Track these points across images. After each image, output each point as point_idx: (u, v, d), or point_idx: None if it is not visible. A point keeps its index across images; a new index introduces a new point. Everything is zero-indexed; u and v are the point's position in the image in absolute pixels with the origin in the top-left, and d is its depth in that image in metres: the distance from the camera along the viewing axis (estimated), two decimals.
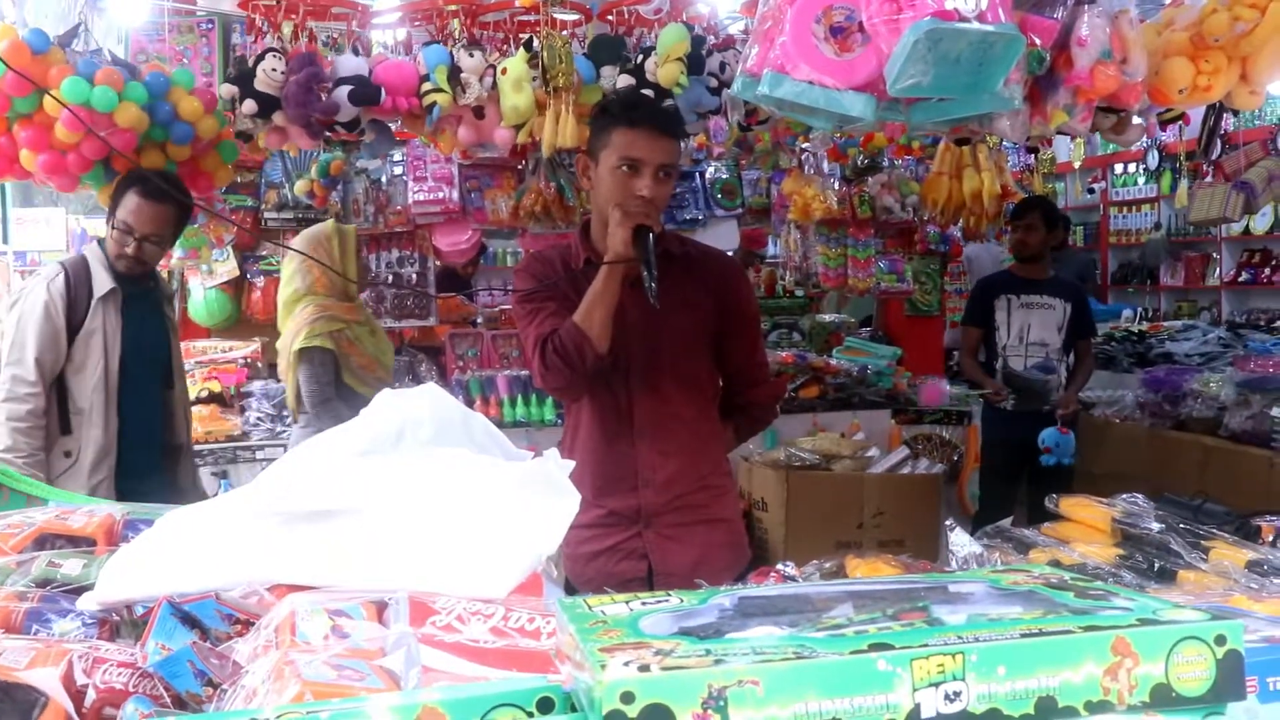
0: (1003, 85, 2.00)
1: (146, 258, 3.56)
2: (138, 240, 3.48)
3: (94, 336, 3.51)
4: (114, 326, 3.54)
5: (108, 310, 3.53)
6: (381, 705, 0.76)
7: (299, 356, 4.17)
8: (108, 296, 3.53)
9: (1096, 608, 0.82)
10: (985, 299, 5.59)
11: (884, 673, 0.72)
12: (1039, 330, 5.47)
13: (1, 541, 1.81)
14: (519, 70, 3.82)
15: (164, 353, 3.78)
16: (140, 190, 3.47)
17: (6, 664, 1.22)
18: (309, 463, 1.66)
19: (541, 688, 0.79)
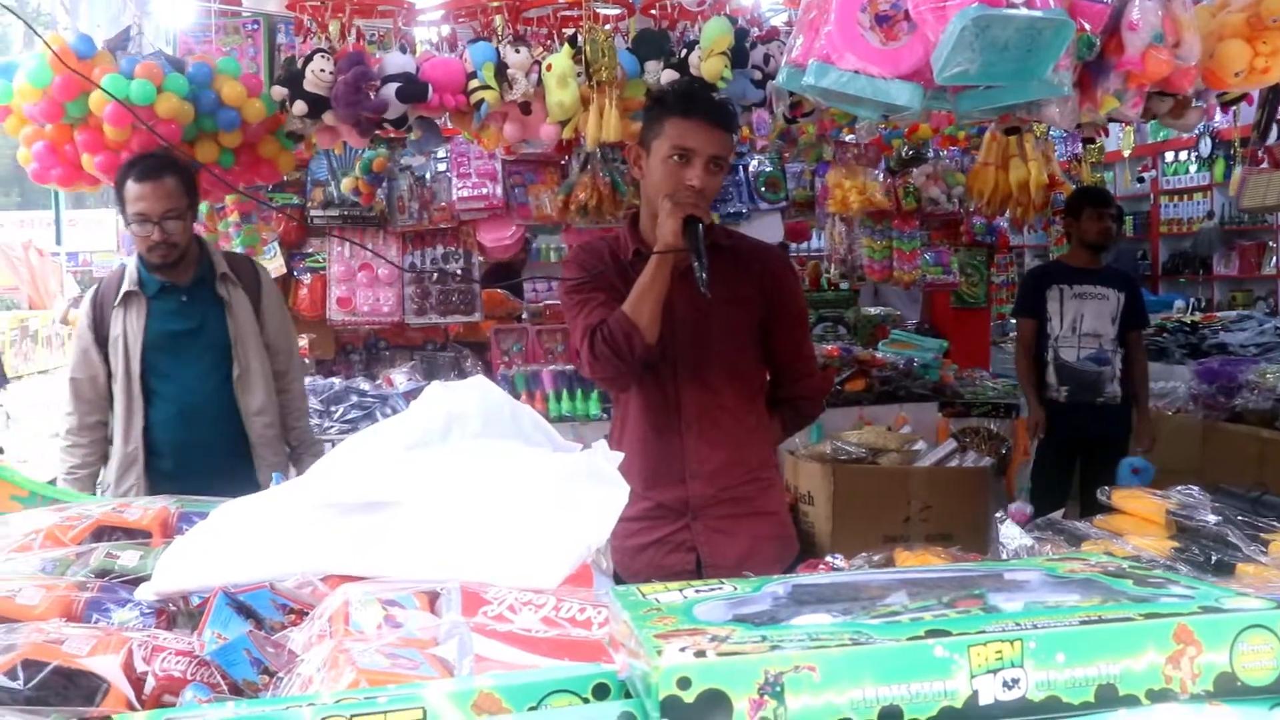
0: (1052, 71, 1.97)
1: (173, 238, 3.40)
2: (156, 223, 3.37)
3: (117, 344, 3.48)
4: (135, 330, 3.47)
5: (128, 315, 3.48)
6: (439, 690, 0.77)
7: None
8: (126, 300, 3.48)
9: (1156, 595, 0.81)
10: (1037, 289, 5.46)
11: (941, 659, 0.72)
12: (1092, 320, 5.33)
13: (61, 533, 1.84)
14: (563, 66, 3.83)
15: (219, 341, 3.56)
16: (135, 176, 3.38)
17: (69, 651, 1.24)
18: (361, 456, 1.68)
19: (596, 674, 0.79)
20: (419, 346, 6.41)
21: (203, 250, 3.63)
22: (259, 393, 3.58)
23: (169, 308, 3.52)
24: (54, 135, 3.69)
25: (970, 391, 6.01)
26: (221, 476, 3.27)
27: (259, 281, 3.71)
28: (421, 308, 6.02)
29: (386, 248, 6.00)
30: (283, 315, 3.79)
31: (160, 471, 3.46)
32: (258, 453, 3.54)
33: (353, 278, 5.87)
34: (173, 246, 3.42)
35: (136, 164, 3.43)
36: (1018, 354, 5.61)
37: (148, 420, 3.47)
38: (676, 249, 2.57)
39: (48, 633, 1.29)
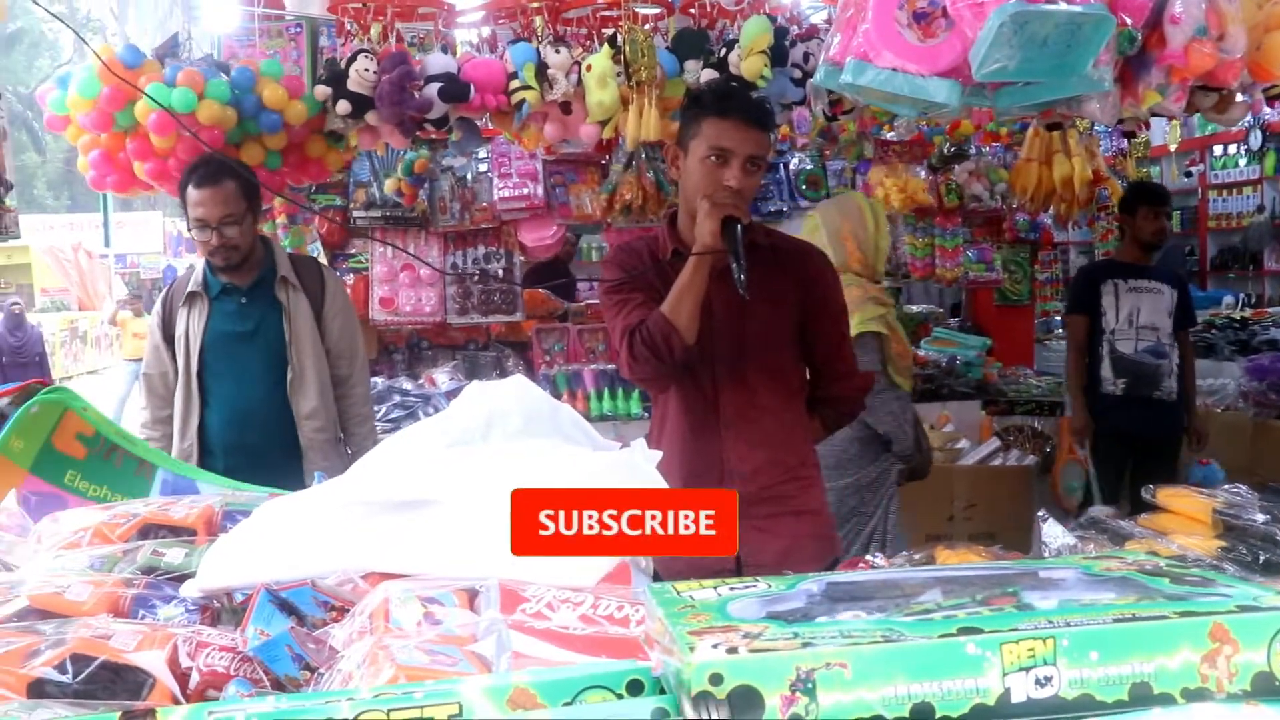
0: (1092, 67, 1.96)
1: (232, 242, 3.43)
2: (215, 229, 3.39)
3: (180, 343, 3.53)
4: (195, 330, 3.52)
5: (191, 315, 3.53)
6: (475, 686, 0.78)
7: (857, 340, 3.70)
8: (189, 300, 3.53)
9: (1193, 594, 0.81)
10: (1091, 285, 5.31)
11: (973, 656, 0.72)
12: (1149, 314, 5.19)
13: (109, 531, 1.87)
14: (603, 65, 3.84)
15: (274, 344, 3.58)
16: (195, 182, 3.41)
17: (116, 646, 1.27)
18: (402, 454, 1.70)
19: (631, 670, 0.79)
20: (461, 346, 6.44)
21: (268, 253, 3.65)
22: (312, 397, 3.58)
23: (228, 309, 3.56)
24: (108, 144, 3.77)
25: (1014, 389, 5.96)
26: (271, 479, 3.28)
27: (323, 285, 3.71)
28: (463, 307, 6.05)
29: (428, 248, 6.04)
30: (347, 320, 3.77)
31: (213, 470, 3.50)
32: (307, 456, 3.54)
33: (395, 278, 5.91)
34: (232, 250, 3.45)
35: (197, 169, 3.46)
36: (1068, 352, 5.49)
37: (203, 419, 3.52)
38: (715, 250, 2.57)
39: (95, 628, 1.32)
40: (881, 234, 4.01)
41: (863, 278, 3.93)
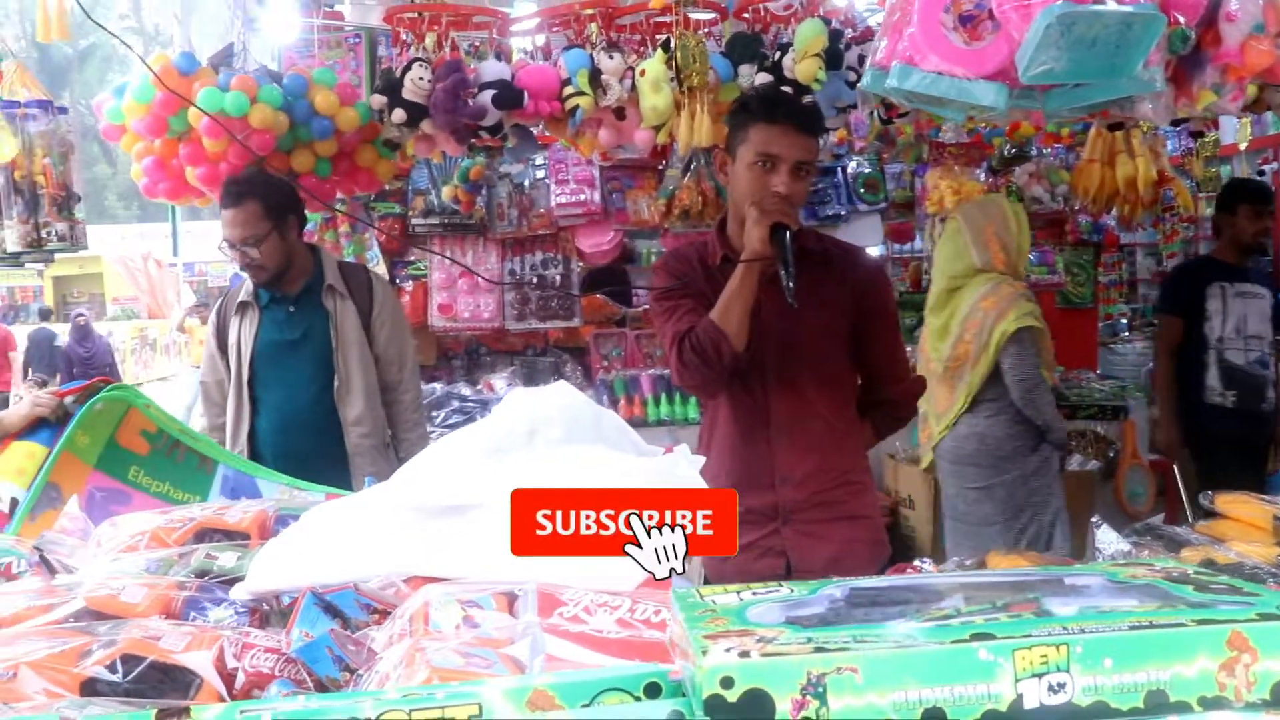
0: (1142, 67, 1.93)
1: (259, 261, 3.49)
2: (239, 249, 3.47)
3: (232, 351, 3.60)
4: (246, 339, 3.58)
5: (243, 324, 3.60)
6: (495, 688, 0.79)
7: (1012, 337, 3.88)
8: (241, 309, 3.61)
9: (1216, 601, 0.80)
10: (1193, 285, 5.04)
11: (985, 662, 0.72)
12: (1255, 322, 4.95)
13: (165, 535, 1.92)
14: (657, 71, 3.85)
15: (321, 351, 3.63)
16: (221, 202, 3.50)
17: (165, 647, 1.30)
18: (446, 460, 1.72)
19: (649, 673, 0.80)
20: (519, 352, 6.49)
21: (316, 262, 3.70)
22: (358, 404, 3.62)
23: (277, 318, 3.62)
24: (161, 150, 3.84)
25: (1076, 393, 5.88)
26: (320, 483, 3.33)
27: (371, 291, 3.75)
28: (521, 313, 6.10)
29: (486, 255, 6.09)
30: (396, 326, 3.80)
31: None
32: (354, 463, 3.58)
33: (454, 284, 5.97)
34: (261, 269, 3.51)
35: (225, 189, 3.53)
36: (1159, 357, 5.26)
37: (253, 426, 3.59)
38: (763, 257, 2.57)
39: (147, 629, 1.35)
40: (1024, 234, 4.04)
41: (1007, 276, 3.96)
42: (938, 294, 4.12)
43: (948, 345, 4.06)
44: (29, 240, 3.55)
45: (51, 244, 3.61)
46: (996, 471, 3.98)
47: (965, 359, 4.00)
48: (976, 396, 4.00)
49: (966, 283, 4.01)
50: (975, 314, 3.95)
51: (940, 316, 4.09)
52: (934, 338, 4.12)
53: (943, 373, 4.09)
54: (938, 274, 4.14)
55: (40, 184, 3.60)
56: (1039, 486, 4.00)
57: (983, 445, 3.98)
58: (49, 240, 3.59)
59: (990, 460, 3.96)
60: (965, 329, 3.98)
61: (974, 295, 3.97)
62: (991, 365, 3.90)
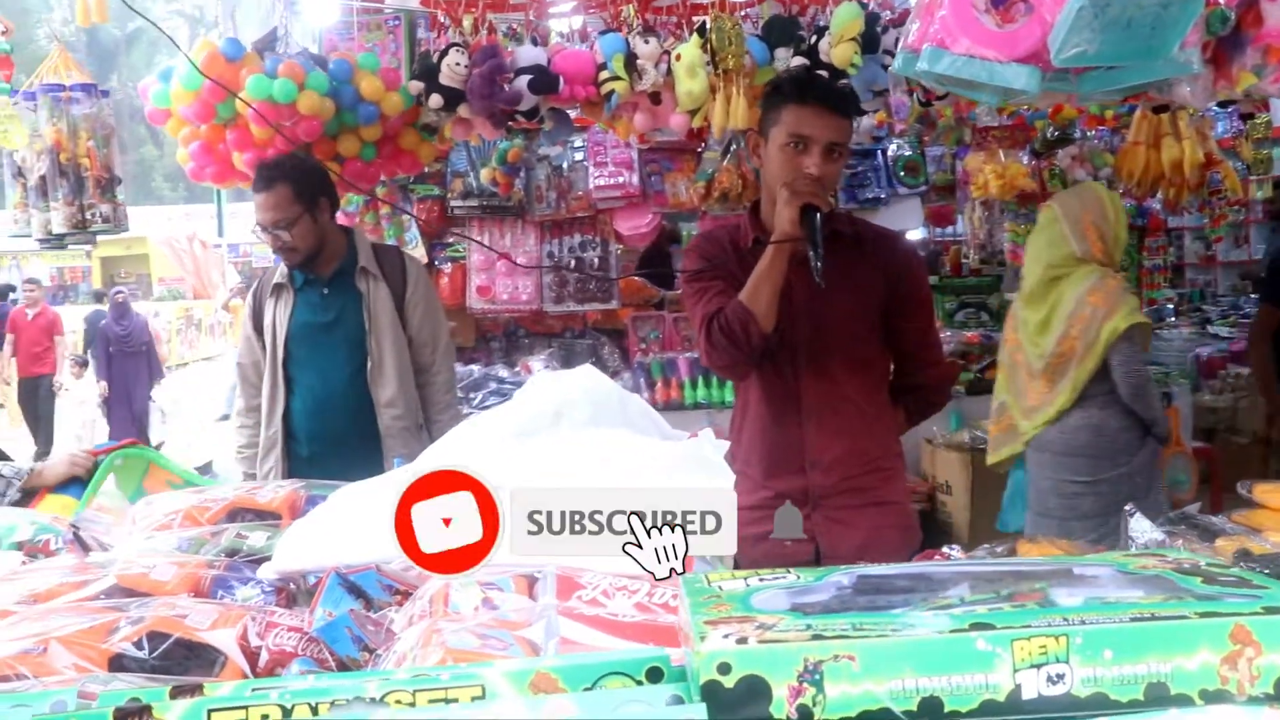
0: (1179, 49, 1.90)
1: (289, 244, 3.51)
2: (271, 232, 3.50)
3: (267, 333, 3.64)
4: (281, 320, 3.61)
5: (278, 306, 3.62)
6: (499, 670, 0.80)
7: (1123, 335, 3.80)
8: (276, 291, 3.63)
9: (1223, 594, 0.79)
10: None
11: (984, 652, 0.72)
12: None
13: (198, 514, 1.95)
14: (692, 55, 3.84)
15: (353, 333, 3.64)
16: (255, 185, 3.53)
17: (191, 624, 1.32)
18: (472, 442, 1.74)
19: (651, 657, 0.81)
20: (558, 334, 6.50)
21: (349, 244, 3.71)
22: (391, 385, 3.63)
23: (311, 300, 3.64)
24: (208, 135, 3.87)
25: None
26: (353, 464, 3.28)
27: (405, 273, 3.75)
28: (559, 296, 6.11)
29: (525, 237, 6.11)
30: (430, 307, 3.80)
31: (298, 456, 3.61)
32: (386, 444, 3.59)
33: (492, 266, 5.99)
34: (293, 251, 3.53)
35: (257, 173, 3.57)
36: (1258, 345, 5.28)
37: (287, 407, 3.61)
38: (793, 238, 2.57)
39: (174, 607, 1.38)
40: (1121, 223, 3.96)
41: (1106, 268, 3.90)
42: (1035, 285, 4.01)
43: (1050, 340, 3.96)
44: (74, 222, 3.60)
45: (96, 225, 3.65)
46: (1111, 464, 3.91)
47: (1071, 355, 3.91)
48: (1084, 391, 3.94)
49: (1067, 273, 3.91)
50: (1082, 309, 3.85)
51: (1040, 310, 3.99)
52: (1033, 332, 4.02)
53: (1042, 368, 4.01)
54: (1033, 264, 4.05)
55: (84, 166, 3.64)
56: (1141, 483, 3.94)
57: (1098, 437, 3.90)
58: (93, 222, 3.63)
59: (1106, 452, 3.89)
60: (1071, 324, 3.88)
61: (1078, 289, 3.87)
62: (1100, 361, 3.82)
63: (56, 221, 3.61)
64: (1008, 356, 4.17)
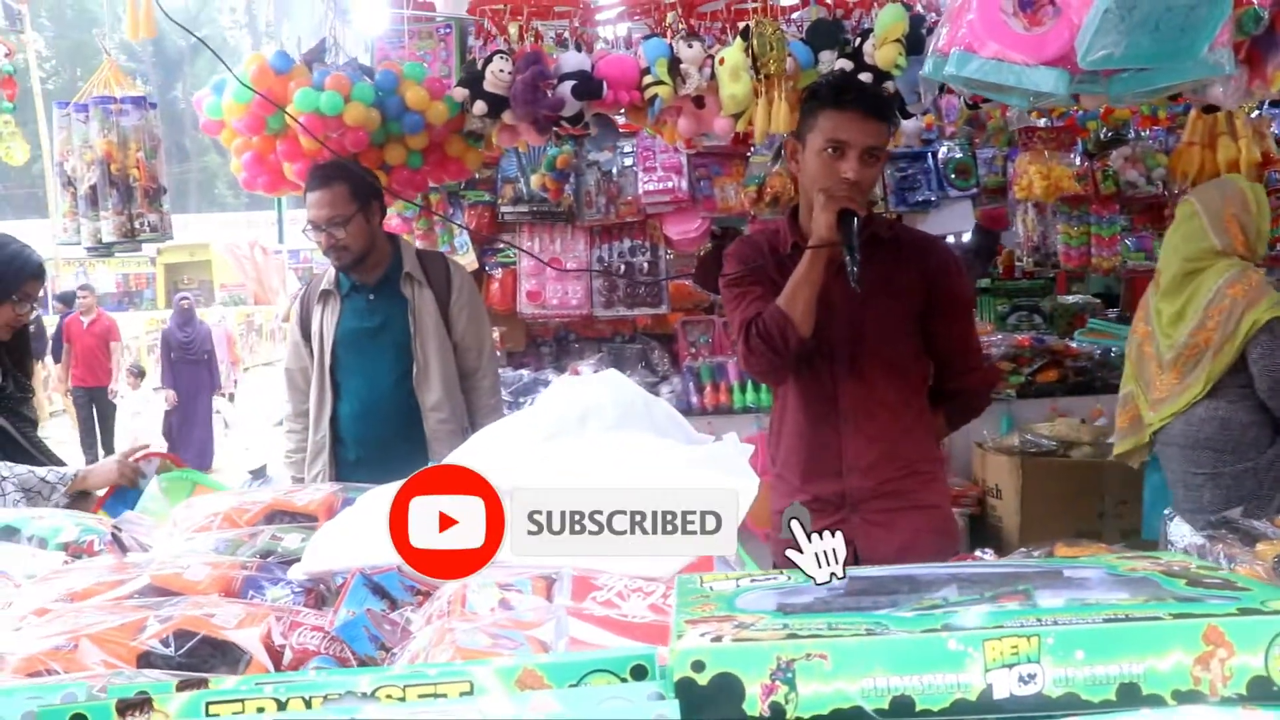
0: (1208, 50, 1.88)
1: (342, 242, 3.56)
2: (325, 230, 3.54)
3: (315, 339, 3.68)
4: (329, 327, 3.65)
5: (325, 312, 3.67)
6: (487, 667, 0.82)
7: (1264, 327, 3.69)
8: (323, 298, 3.68)
9: (1205, 596, 0.80)
10: None
11: (955, 652, 0.73)
12: None
13: (237, 516, 2.00)
14: (736, 59, 3.85)
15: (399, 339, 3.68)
16: (308, 184, 3.58)
17: (217, 623, 1.36)
18: (498, 445, 1.76)
19: (636, 655, 0.83)
20: (608, 339, 6.52)
21: (395, 250, 3.76)
22: (437, 390, 3.67)
23: (358, 306, 3.69)
24: (259, 146, 3.95)
25: None
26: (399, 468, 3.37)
27: (449, 279, 3.80)
28: (609, 300, 6.12)
29: (574, 242, 6.14)
30: (474, 313, 3.84)
31: (345, 460, 3.66)
32: (432, 448, 3.61)
33: (542, 272, 6.02)
34: (343, 250, 3.58)
35: (314, 173, 3.63)
36: None
37: (335, 412, 3.66)
38: (830, 243, 2.58)
39: (202, 606, 1.41)
40: (1264, 216, 3.88)
41: (1247, 261, 3.83)
42: (1172, 279, 3.93)
43: (1184, 331, 3.89)
44: (124, 231, 3.69)
45: (144, 235, 3.75)
46: (1235, 458, 3.84)
47: (1206, 345, 3.84)
48: (1216, 384, 3.88)
49: (1206, 266, 3.84)
50: (1221, 300, 3.78)
51: (1175, 302, 3.93)
52: (1167, 323, 3.94)
53: (1173, 359, 3.95)
54: (1170, 258, 3.98)
55: (134, 177, 3.73)
56: (1265, 480, 3.86)
57: (1224, 430, 3.83)
58: (142, 231, 3.72)
59: (1230, 445, 3.83)
60: (1208, 315, 3.82)
61: (1218, 280, 3.81)
62: (1237, 353, 3.75)
63: (106, 230, 3.70)
64: (1136, 348, 4.11)
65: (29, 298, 3.04)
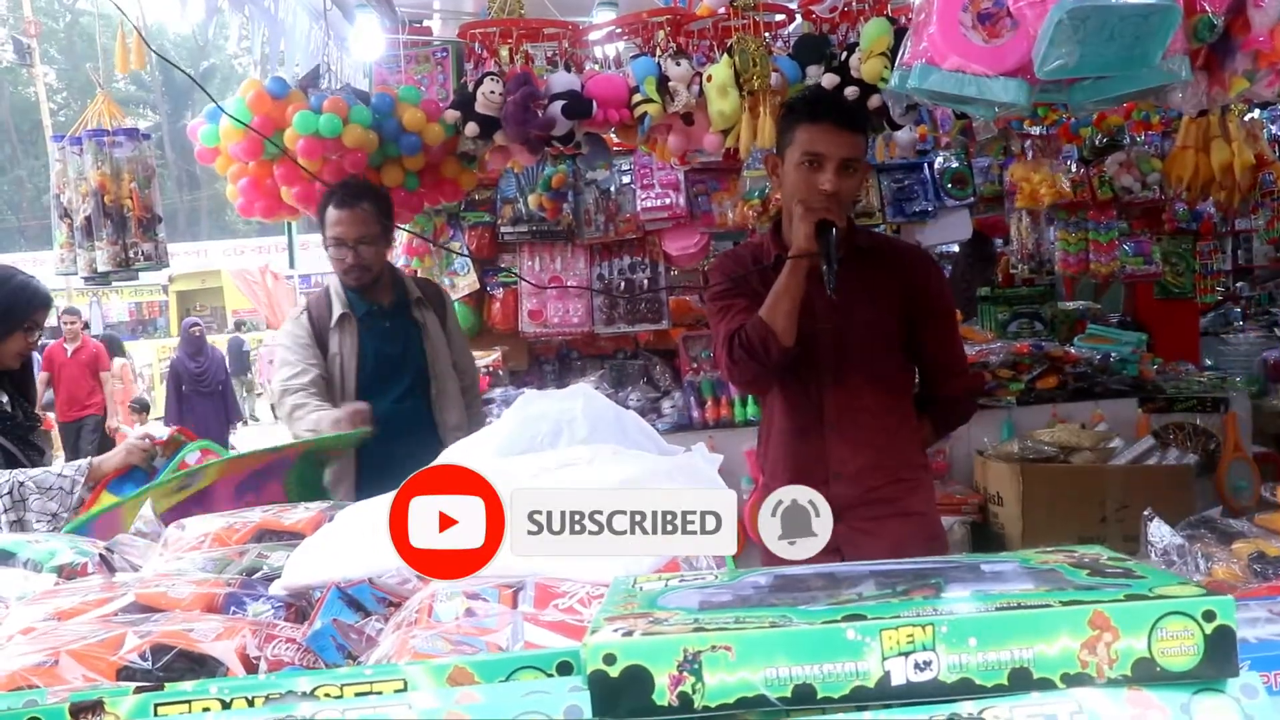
0: (1163, 58, 1.92)
1: (366, 262, 3.63)
2: (351, 247, 3.59)
3: (334, 362, 3.70)
4: (349, 351, 3.69)
5: (343, 336, 3.70)
6: (421, 667, 0.86)
7: None
8: (341, 322, 3.70)
9: (1102, 584, 0.83)
10: None
11: (853, 641, 0.77)
12: None
13: (227, 536, 2.04)
14: (723, 76, 3.90)
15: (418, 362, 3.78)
16: (335, 202, 3.62)
17: (195, 637, 1.40)
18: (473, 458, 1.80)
19: (563, 653, 0.87)
20: (610, 356, 6.56)
21: (395, 276, 3.85)
22: (455, 410, 3.78)
23: (377, 331, 3.75)
24: (256, 171, 4.01)
25: (1173, 386, 5.74)
26: None
27: (444, 304, 3.92)
28: (610, 317, 6.17)
29: (574, 260, 6.19)
30: (461, 336, 3.97)
31: (370, 481, 3.70)
32: None
33: (543, 290, 6.08)
34: (366, 270, 3.65)
35: (337, 191, 3.69)
36: None
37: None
38: (809, 253, 2.62)
39: (181, 621, 1.46)
40: None
41: None
42: None
43: None
44: (118, 260, 3.76)
45: (139, 264, 3.82)
46: None
47: None
48: None
49: None
50: None
51: None
52: None
53: None
54: None
55: (127, 207, 3.79)
56: None
57: None
58: (136, 260, 3.79)
59: None
60: None
61: None
62: None
63: (101, 260, 3.77)
64: None
65: (38, 326, 3.11)
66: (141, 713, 0.83)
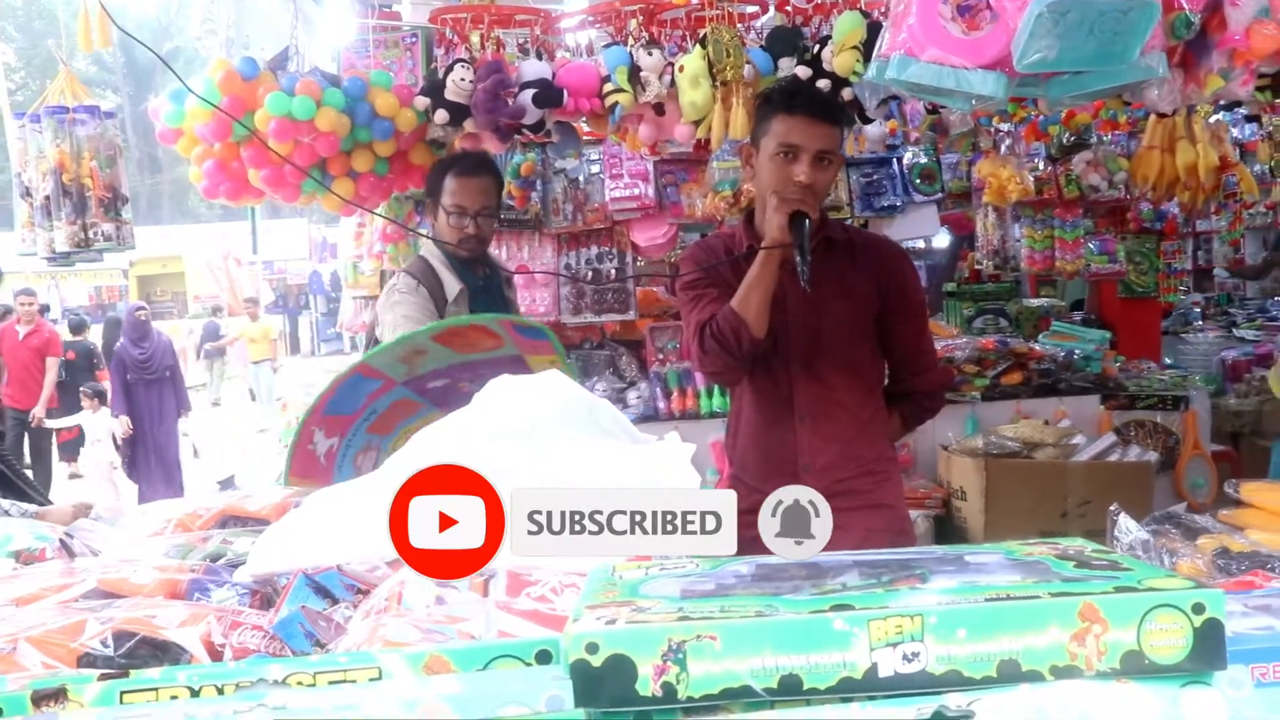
0: (1140, 54, 1.92)
1: (484, 234, 3.64)
2: (473, 217, 3.57)
3: None
4: None
5: (460, 311, 3.58)
6: (396, 655, 0.84)
7: None
8: (459, 299, 3.61)
9: (1089, 577, 0.82)
10: None
11: (841, 632, 0.75)
12: None
13: (190, 522, 2.01)
14: (696, 66, 3.88)
15: None
16: (458, 171, 3.60)
17: (159, 624, 1.37)
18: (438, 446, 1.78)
19: (542, 642, 0.85)
20: (576, 346, 6.54)
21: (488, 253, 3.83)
22: None
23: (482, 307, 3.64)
24: (222, 153, 3.93)
25: (1135, 383, 5.79)
26: None
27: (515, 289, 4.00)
28: (577, 307, 6.15)
29: (542, 249, 6.15)
30: None
31: None
32: None
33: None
34: (481, 241, 3.65)
35: (459, 160, 3.68)
36: None
37: None
38: (782, 244, 2.61)
39: (144, 607, 1.43)
40: None
41: None
42: None
43: None
44: (76, 240, 3.68)
45: (99, 244, 3.74)
46: None
47: None
48: None
49: None
50: None
51: None
52: None
53: None
54: None
55: (87, 186, 3.72)
56: None
57: None
58: (96, 240, 3.71)
59: None
60: None
61: None
62: None
63: (59, 240, 3.69)
64: None
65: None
66: (106, 700, 0.81)
